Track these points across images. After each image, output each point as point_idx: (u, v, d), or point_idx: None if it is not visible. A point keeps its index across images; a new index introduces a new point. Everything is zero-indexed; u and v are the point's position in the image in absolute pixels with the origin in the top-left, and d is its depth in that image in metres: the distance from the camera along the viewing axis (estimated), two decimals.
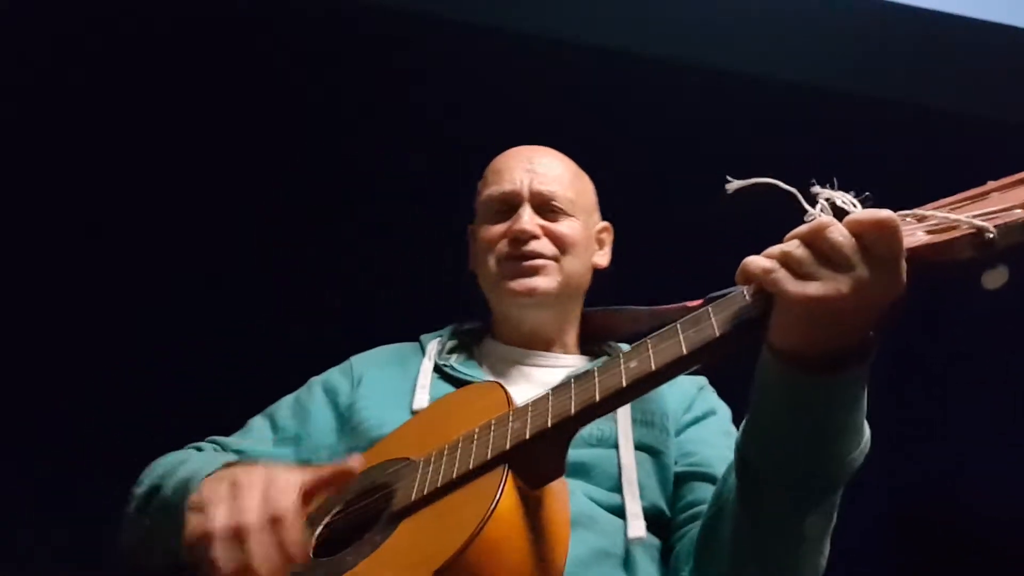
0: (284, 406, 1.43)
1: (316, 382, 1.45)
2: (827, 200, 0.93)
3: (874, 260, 0.84)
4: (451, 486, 0.99)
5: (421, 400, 1.33)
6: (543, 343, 1.44)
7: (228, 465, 1.11)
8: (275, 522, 0.94)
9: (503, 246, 1.42)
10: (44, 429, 2.10)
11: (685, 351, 0.93)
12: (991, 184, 0.91)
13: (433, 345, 1.44)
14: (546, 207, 1.43)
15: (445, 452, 1.04)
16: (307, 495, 0.98)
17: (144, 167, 2.30)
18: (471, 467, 0.99)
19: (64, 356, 2.17)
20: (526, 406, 1.03)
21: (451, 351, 1.45)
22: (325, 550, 1.06)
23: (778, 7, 2.57)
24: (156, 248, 2.28)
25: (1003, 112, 2.52)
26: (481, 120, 2.38)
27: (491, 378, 1.37)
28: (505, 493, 0.94)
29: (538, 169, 1.45)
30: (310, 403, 1.41)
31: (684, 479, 1.27)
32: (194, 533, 0.96)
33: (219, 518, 0.95)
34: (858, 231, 0.84)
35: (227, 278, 2.30)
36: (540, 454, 0.98)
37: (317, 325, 2.21)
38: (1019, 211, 0.84)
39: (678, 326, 0.96)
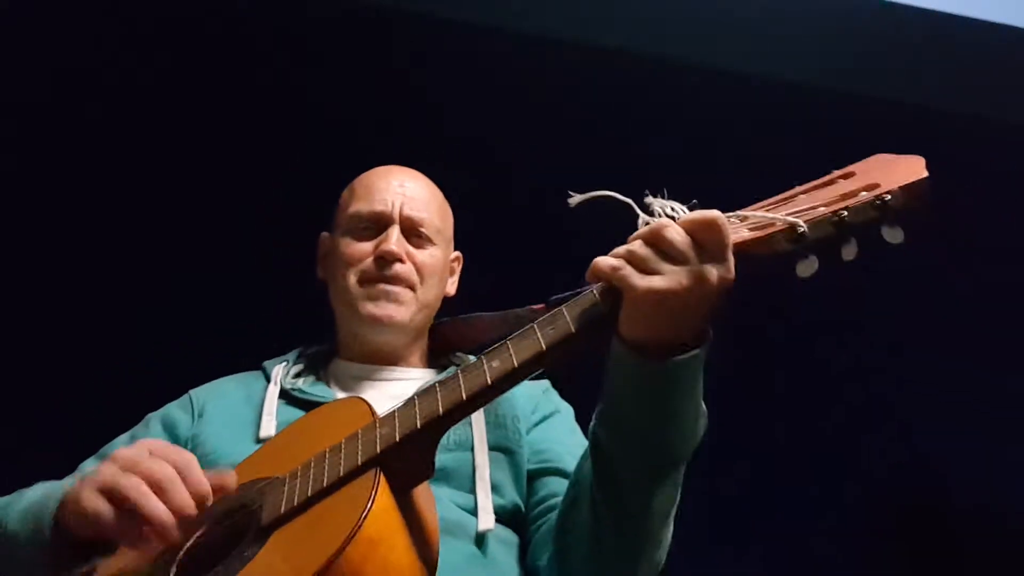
0: (118, 445, 1.34)
1: (153, 417, 1.40)
2: (660, 208, 1.04)
3: (706, 253, 0.95)
4: (322, 494, 1.00)
5: (268, 428, 1.31)
6: (389, 359, 1.44)
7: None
8: (187, 466, 0.97)
9: (367, 264, 1.41)
10: None
11: (544, 347, 1.00)
12: (797, 188, 1.06)
13: (278, 370, 1.41)
14: (413, 232, 1.44)
15: (312, 464, 1.05)
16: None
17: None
18: (341, 474, 1.00)
19: None
20: (392, 413, 1.05)
21: (297, 375, 1.43)
22: (188, 574, 1.03)
23: (778, 7, 2.57)
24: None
25: (1003, 112, 2.52)
26: (481, 121, 2.38)
27: (342, 396, 1.36)
28: (380, 493, 0.95)
29: (409, 193, 1.45)
30: (147, 438, 1.30)
31: (536, 475, 1.32)
32: (106, 510, 0.95)
33: (129, 479, 0.94)
34: (691, 229, 0.96)
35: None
36: (411, 455, 1.01)
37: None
38: (822, 208, 0.98)
39: (535, 326, 1.03)
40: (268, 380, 1.41)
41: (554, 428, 1.39)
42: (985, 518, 2.48)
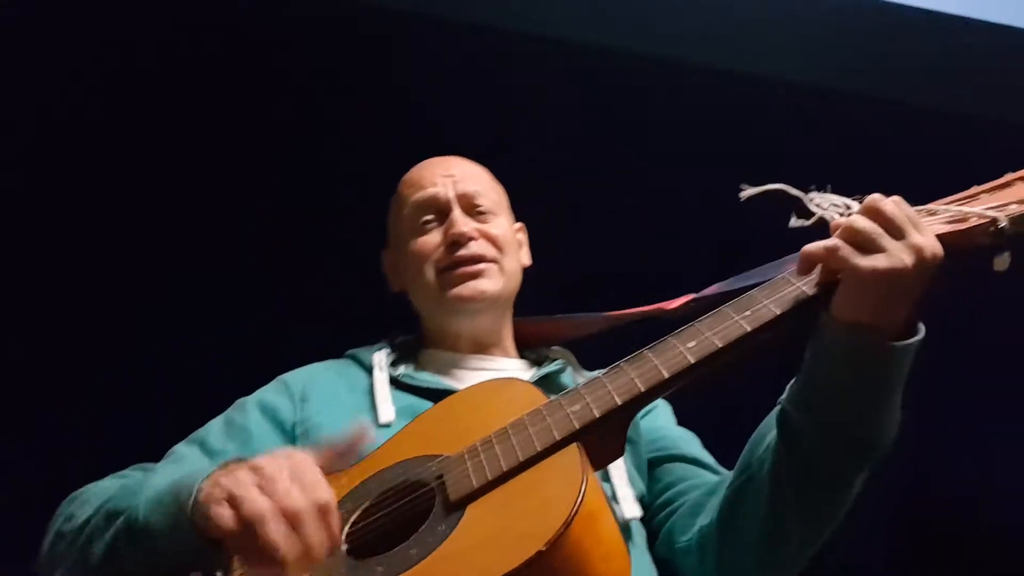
0: (214, 430, 1.30)
1: (248, 401, 1.34)
2: (829, 202, 1.03)
3: (919, 226, 0.95)
4: (520, 468, 0.97)
5: (387, 413, 1.26)
6: (485, 348, 1.41)
7: (225, 464, 1.00)
8: (325, 510, 0.91)
9: (441, 254, 1.38)
10: None
11: (749, 328, 0.98)
12: (976, 188, 1.06)
13: (379, 357, 1.37)
14: (473, 209, 1.41)
15: (495, 441, 1.01)
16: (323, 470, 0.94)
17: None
18: (540, 449, 0.97)
19: None
20: (577, 392, 1.03)
21: (393, 363, 1.39)
22: (365, 555, 0.99)
23: (779, 7, 2.56)
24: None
25: (1003, 112, 2.52)
26: (481, 120, 2.38)
27: (450, 383, 1.33)
28: (588, 468, 0.94)
29: (457, 174, 1.43)
30: (247, 422, 1.29)
31: (656, 463, 1.32)
32: (230, 523, 0.89)
33: (257, 504, 0.88)
34: (898, 203, 0.97)
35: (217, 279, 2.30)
36: (606, 433, 1.00)
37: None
38: (1015, 205, 0.98)
39: (727, 310, 1.01)
40: (364, 368, 1.37)
41: (661, 418, 1.39)
42: (988, 520, 2.49)
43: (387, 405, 1.28)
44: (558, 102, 2.43)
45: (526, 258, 1.50)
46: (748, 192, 1.08)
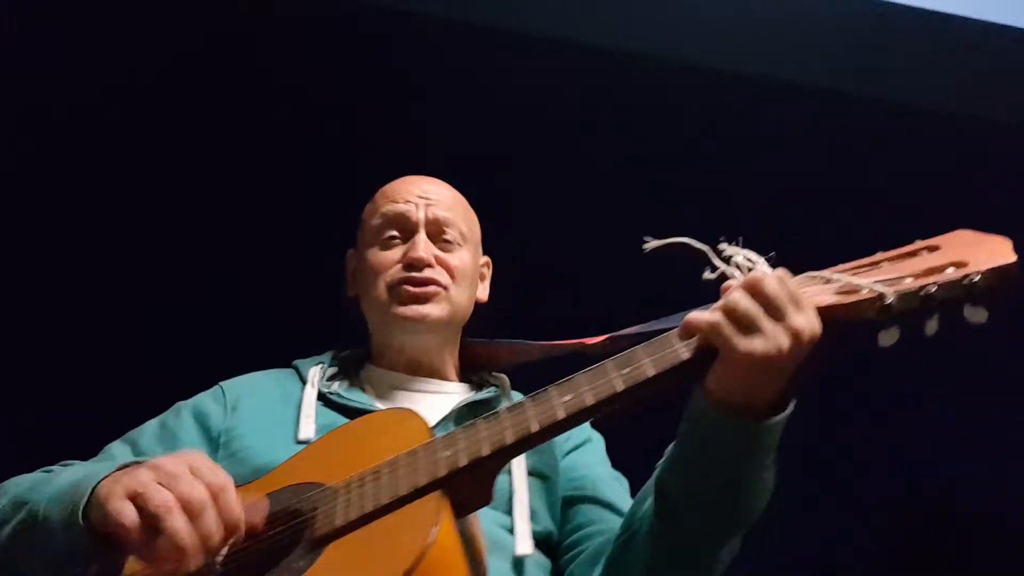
0: (147, 432, 1.33)
1: (184, 406, 1.37)
2: (735, 256, 1.03)
3: (801, 305, 0.96)
4: (382, 511, 0.98)
5: (307, 430, 1.28)
6: (425, 370, 1.42)
7: (125, 466, 1.01)
8: (222, 492, 0.93)
9: (396, 272, 1.39)
10: None
11: (621, 388, 0.98)
12: (881, 255, 1.05)
13: (315, 372, 1.38)
14: (439, 236, 1.42)
15: (368, 478, 1.03)
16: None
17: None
18: (403, 493, 0.98)
19: None
20: (454, 435, 1.04)
21: (331, 378, 1.40)
22: None
23: (778, 7, 2.57)
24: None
25: (1003, 112, 2.53)
26: (481, 121, 2.38)
27: (378, 404, 1.35)
28: (444, 519, 0.94)
29: (432, 197, 1.44)
30: (178, 428, 1.32)
31: (571, 502, 1.31)
32: (131, 518, 0.90)
33: (162, 495, 0.91)
34: (780, 284, 0.96)
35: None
36: (472, 481, 1.00)
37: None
38: (910, 280, 0.97)
39: (609, 365, 1.01)
40: (302, 380, 1.38)
41: (587, 455, 1.39)
42: (993, 525, 2.49)
43: (308, 423, 1.29)
44: (559, 102, 2.44)
45: (483, 293, 1.51)
46: (651, 245, 1.06)
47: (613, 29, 2.53)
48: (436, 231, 1.42)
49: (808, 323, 0.95)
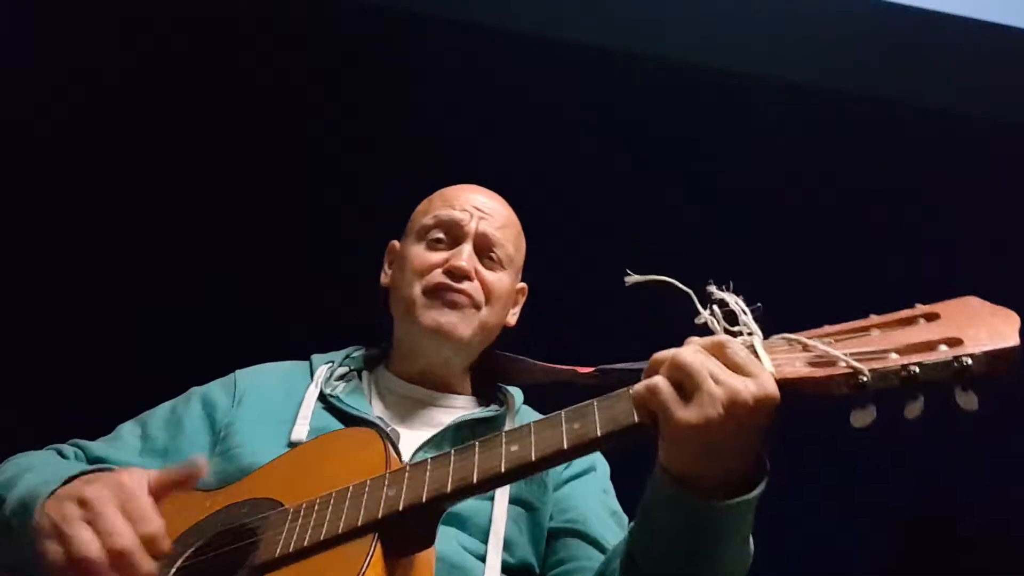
0: (158, 415, 1.35)
1: (196, 393, 1.38)
2: (719, 303, 0.95)
3: (749, 370, 0.88)
4: (318, 547, 0.99)
5: (300, 432, 1.27)
6: (437, 383, 1.40)
7: (71, 479, 1.06)
8: (151, 540, 0.95)
9: (435, 276, 1.37)
10: None
11: (565, 446, 0.95)
12: (874, 318, 0.94)
13: (322, 371, 1.38)
14: (486, 253, 1.40)
15: (316, 508, 1.04)
16: (157, 495, 0.99)
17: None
18: (340, 531, 0.99)
19: None
20: (403, 471, 1.02)
21: (340, 377, 1.39)
22: None
23: (778, 7, 2.57)
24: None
25: (1003, 112, 2.52)
26: (480, 121, 2.38)
27: (378, 413, 1.34)
28: (372, 564, 0.94)
29: (488, 213, 1.42)
30: (185, 416, 1.33)
31: (557, 535, 1.28)
32: (59, 559, 0.95)
33: (89, 546, 0.94)
34: (714, 351, 0.90)
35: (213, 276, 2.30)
36: (412, 525, 0.99)
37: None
38: (894, 356, 0.87)
39: (562, 416, 0.98)
40: (311, 376, 1.37)
41: (585, 487, 1.34)
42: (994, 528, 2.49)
43: (303, 425, 1.29)
44: (558, 103, 2.44)
45: (513, 319, 1.48)
46: (633, 279, 1.01)
47: (613, 29, 2.53)
48: (484, 246, 1.40)
49: (755, 388, 0.87)
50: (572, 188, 2.42)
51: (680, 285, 0.98)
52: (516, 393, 1.42)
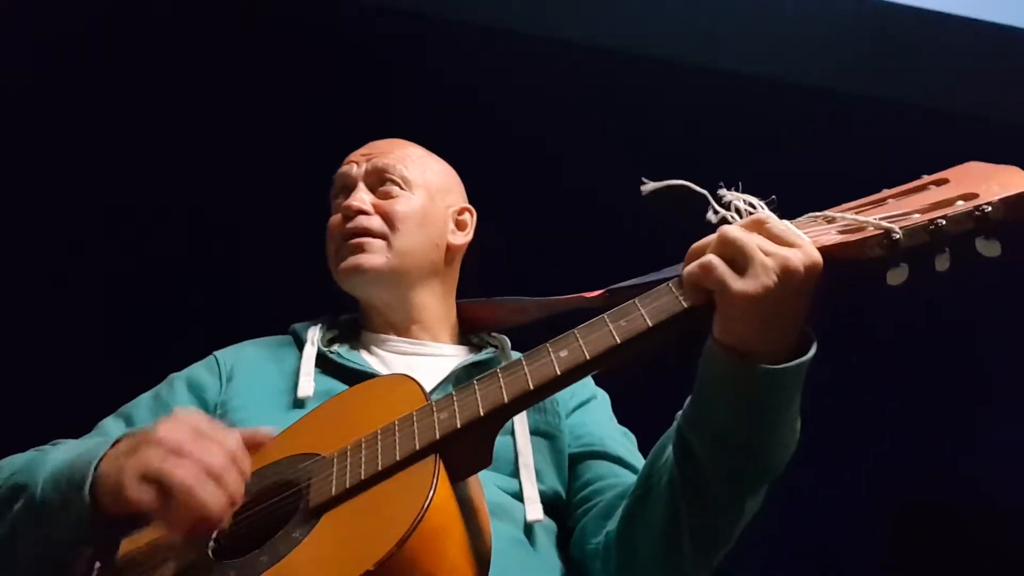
0: (142, 405, 1.31)
1: (178, 377, 1.34)
2: (735, 201, 1.01)
3: (795, 240, 0.93)
4: (377, 478, 0.96)
5: (306, 388, 1.26)
6: (416, 332, 1.39)
7: (117, 442, 1.00)
8: (236, 457, 0.94)
9: (336, 228, 1.38)
10: None
11: (618, 340, 0.95)
12: (887, 192, 1.01)
13: (314, 331, 1.36)
14: (379, 182, 1.40)
15: (363, 445, 1.01)
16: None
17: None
18: (398, 458, 0.96)
19: None
20: (450, 397, 1.01)
21: (331, 341, 1.38)
22: (226, 554, 0.99)
23: (778, 7, 2.57)
24: None
25: (1003, 112, 2.52)
26: (480, 121, 2.38)
27: (377, 366, 1.33)
28: (440, 482, 0.92)
29: (374, 151, 1.43)
30: (172, 399, 1.29)
31: (578, 459, 1.29)
32: (153, 502, 0.91)
33: (186, 471, 0.90)
34: (755, 227, 0.95)
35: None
36: (470, 444, 0.98)
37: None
38: (917, 215, 0.93)
39: (606, 318, 0.98)
40: (299, 345, 1.36)
41: (593, 412, 1.36)
42: (995, 515, 2.49)
43: (308, 380, 1.28)
44: (560, 103, 2.44)
45: (457, 239, 1.45)
46: (649, 187, 1.04)
47: (613, 29, 2.53)
48: (376, 180, 1.40)
49: (803, 256, 0.92)
50: (572, 188, 2.42)
51: (694, 186, 1.02)
52: (504, 339, 1.41)
